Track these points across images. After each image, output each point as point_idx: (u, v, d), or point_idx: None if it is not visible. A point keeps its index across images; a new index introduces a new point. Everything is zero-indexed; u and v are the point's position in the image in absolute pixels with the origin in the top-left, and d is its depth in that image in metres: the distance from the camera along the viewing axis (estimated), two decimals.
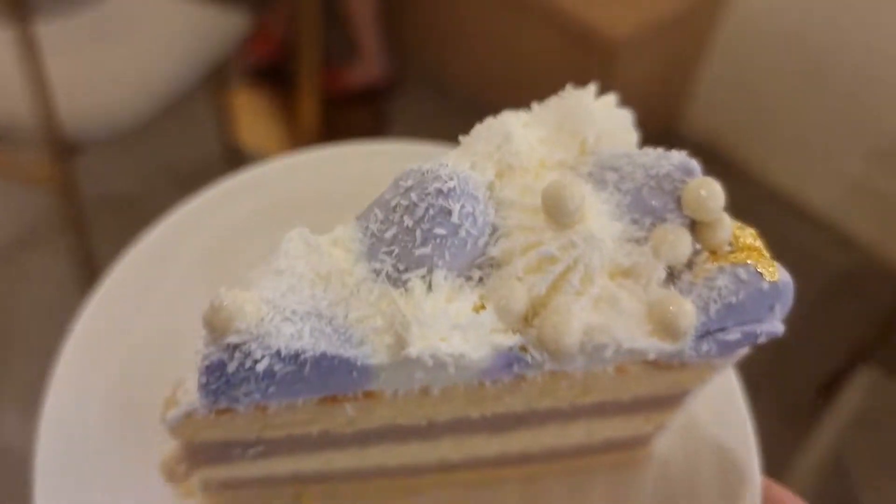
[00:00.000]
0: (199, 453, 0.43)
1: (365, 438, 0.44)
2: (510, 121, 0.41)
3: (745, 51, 1.98)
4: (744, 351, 0.43)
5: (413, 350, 0.35)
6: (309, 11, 1.55)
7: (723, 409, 0.53)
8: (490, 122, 0.41)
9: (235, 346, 0.34)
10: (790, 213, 2.01)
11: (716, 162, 1.26)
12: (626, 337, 0.37)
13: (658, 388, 0.45)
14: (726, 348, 0.40)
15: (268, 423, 0.41)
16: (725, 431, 0.52)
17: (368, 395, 0.39)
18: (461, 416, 0.44)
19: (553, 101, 0.43)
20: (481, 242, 0.38)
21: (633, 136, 0.43)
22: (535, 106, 0.43)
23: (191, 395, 0.37)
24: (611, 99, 0.43)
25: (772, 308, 0.39)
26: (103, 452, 0.46)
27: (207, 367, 0.35)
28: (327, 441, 0.44)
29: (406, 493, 0.51)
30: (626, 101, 0.43)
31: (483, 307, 0.37)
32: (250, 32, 1.54)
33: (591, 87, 0.43)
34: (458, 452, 0.48)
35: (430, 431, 0.45)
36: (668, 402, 0.48)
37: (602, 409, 0.47)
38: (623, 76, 1.85)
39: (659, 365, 0.42)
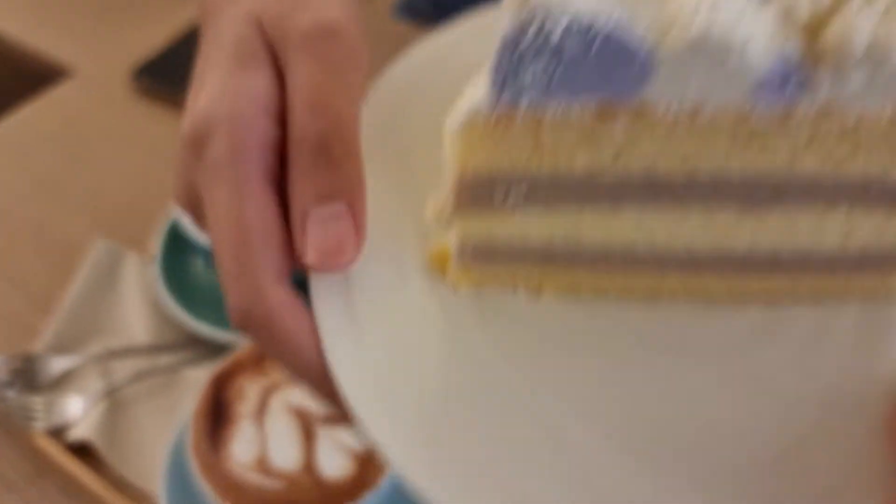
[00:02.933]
0: (466, 192, 0.47)
1: (621, 192, 0.46)
2: None
3: None
4: None
5: (698, 30, 0.37)
6: None
7: None
8: None
9: (531, 19, 0.38)
10: None
11: None
12: None
13: None
14: None
15: (538, 144, 0.44)
16: None
17: (640, 114, 0.42)
18: (719, 170, 0.45)
19: None
20: None
21: None
22: None
23: (480, 94, 0.42)
24: None
25: None
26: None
27: (503, 44, 0.39)
28: (585, 190, 0.46)
29: (646, 298, 0.52)
30: None
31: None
32: None
33: None
34: (707, 236, 0.49)
35: (684, 193, 0.46)
36: None
37: (866, 192, 0.46)
38: None
39: None
